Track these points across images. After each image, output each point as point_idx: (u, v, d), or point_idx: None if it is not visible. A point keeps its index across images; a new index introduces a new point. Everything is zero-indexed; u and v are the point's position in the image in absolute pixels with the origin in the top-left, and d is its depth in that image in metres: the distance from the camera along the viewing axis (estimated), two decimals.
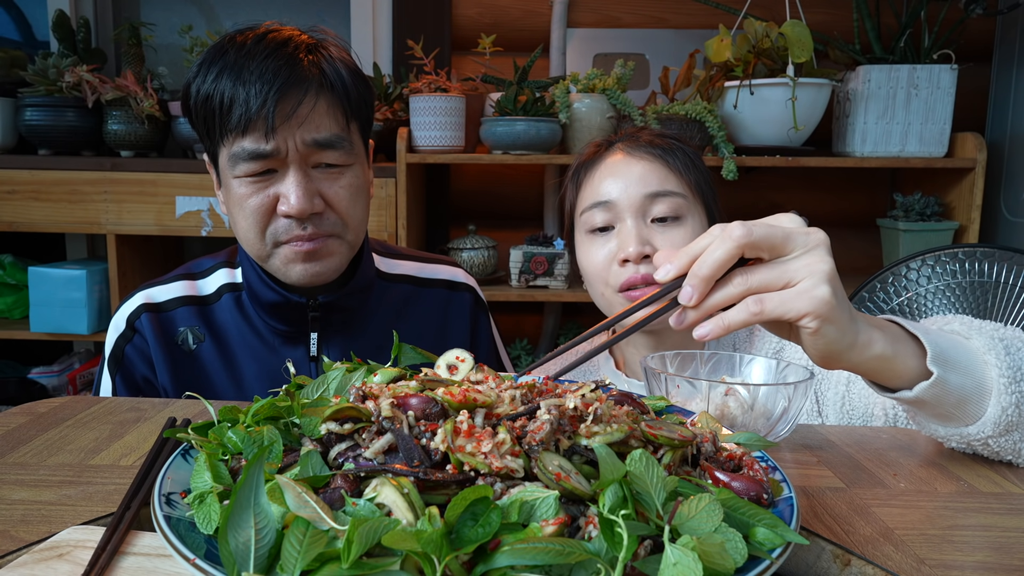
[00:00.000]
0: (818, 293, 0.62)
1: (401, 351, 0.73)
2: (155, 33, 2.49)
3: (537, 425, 0.50)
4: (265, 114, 0.92)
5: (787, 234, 0.63)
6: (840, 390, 1.01)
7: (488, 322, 1.29)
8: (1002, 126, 2.35)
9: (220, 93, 0.94)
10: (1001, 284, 1.64)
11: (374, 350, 1.12)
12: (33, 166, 2.17)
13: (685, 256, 0.64)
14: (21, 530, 0.58)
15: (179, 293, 1.12)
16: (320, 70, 0.97)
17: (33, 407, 0.91)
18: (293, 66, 0.94)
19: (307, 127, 0.96)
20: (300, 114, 0.95)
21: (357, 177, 1.04)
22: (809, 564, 0.54)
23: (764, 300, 0.63)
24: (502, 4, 2.49)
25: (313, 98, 0.96)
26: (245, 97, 0.93)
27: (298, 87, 0.94)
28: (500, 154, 2.15)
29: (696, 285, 0.62)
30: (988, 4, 2.12)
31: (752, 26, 2.05)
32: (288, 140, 0.95)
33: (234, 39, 0.97)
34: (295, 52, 0.96)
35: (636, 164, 1.07)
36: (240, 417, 0.58)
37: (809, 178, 2.51)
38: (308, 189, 0.97)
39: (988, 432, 0.72)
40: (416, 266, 1.24)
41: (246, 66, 0.93)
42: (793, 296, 0.62)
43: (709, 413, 0.67)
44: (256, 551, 0.41)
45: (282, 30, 1.00)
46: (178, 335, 1.10)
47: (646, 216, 1.06)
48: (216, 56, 0.96)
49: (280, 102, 0.93)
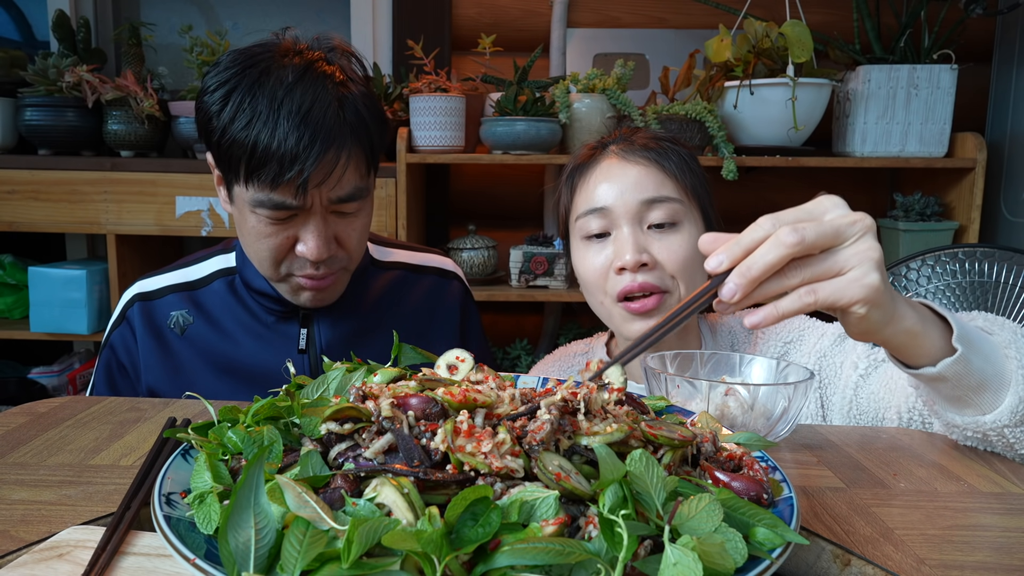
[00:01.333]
0: (868, 281, 0.64)
1: (401, 351, 0.73)
2: (155, 33, 2.49)
3: (537, 425, 0.50)
4: (301, 180, 0.91)
5: (836, 229, 0.64)
6: (847, 395, 1.01)
7: (476, 311, 1.32)
8: (1002, 126, 2.35)
9: (252, 144, 0.91)
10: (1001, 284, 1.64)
11: (365, 332, 1.16)
12: (33, 166, 2.17)
13: (738, 248, 0.63)
14: (21, 530, 0.58)
15: (169, 282, 1.16)
16: (350, 122, 0.94)
17: (33, 407, 0.91)
18: (327, 123, 0.92)
19: (336, 184, 0.96)
20: (333, 176, 0.94)
21: (367, 215, 1.05)
22: (809, 564, 0.54)
23: (817, 290, 0.64)
24: (502, 4, 2.49)
25: (346, 158, 0.95)
26: (279, 157, 0.90)
27: (333, 147, 0.92)
28: (500, 154, 2.15)
29: (743, 285, 0.62)
30: (988, 4, 2.12)
31: (752, 26, 2.05)
32: (316, 197, 0.96)
33: (264, 72, 0.93)
34: (329, 105, 0.92)
35: (631, 169, 1.06)
36: (240, 417, 0.58)
37: (809, 178, 2.51)
38: (327, 237, 0.99)
39: (1004, 421, 0.73)
40: (408, 254, 1.28)
41: (280, 121, 0.90)
42: (845, 284, 0.64)
43: (709, 413, 0.66)
44: (256, 551, 0.41)
45: (312, 63, 0.95)
46: (168, 319, 1.14)
47: (642, 223, 1.04)
48: (245, 95, 0.92)
49: (315, 168, 0.92)
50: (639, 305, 1.03)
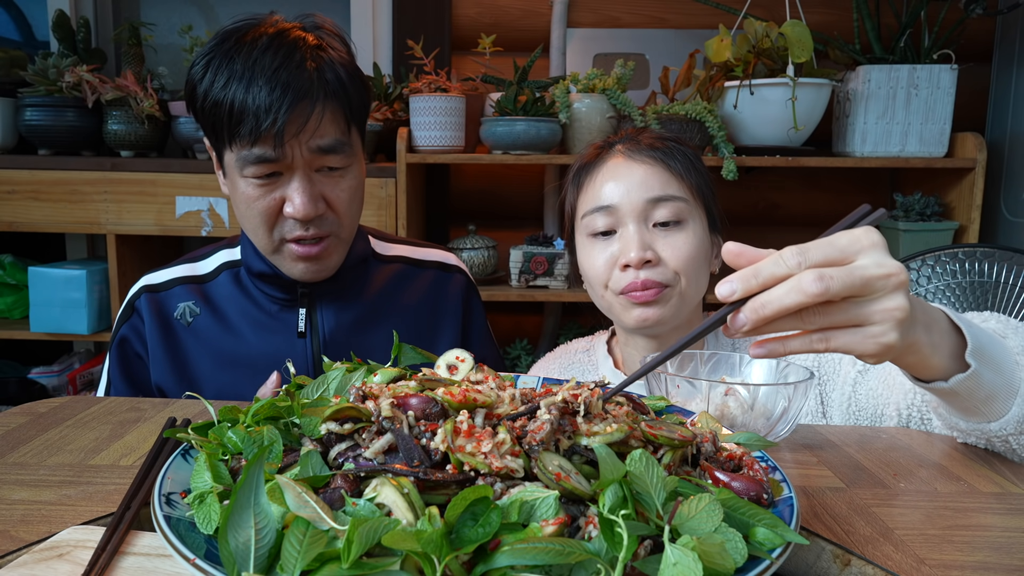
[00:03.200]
0: (886, 340, 0.60)
1: (401, 351, 0.73)
2: (155, 33, 2.49)
3: (537, 425, 0.50)
4: (276, 128, 0.95)
5: (865, 283, 0.58)
6: (846, 391, 1.01)
7: (480, 305, 1.33)
8: (1002, 126, 2.35)
9: (230, 103, 0.97)
10: (1001, 284, 1.64)
11: (367, 321, 1.18)
12: (33, 166, 2.17)
13: (755, 281, 0.58)
14: (21, 530, 0.58)
15: (177, 275, 1.19)
16: (325, 79, 0.99)
17: (33, 407, 0.91)
18: (301, 78, 0.97)
19: (315, 135, 0.99)
20: (309, 125, 0.98)
21: (356, 177, 1.07)
22: (809, 564, 0.54)
23: (831, 338, 0.60)
24: (502, 4, 2.49)
25: (320, 108, 0.98)
26: (255, 111, 0.95)
27: (307, 99, 0.97)
28: (500, 154, 2.14)
29: (754, 321, 0.58)
30: (988, 4, 2.12)
31: (752, 26, 2.05)
32: (295, 148, 0.99)
33: (240, 40, 0.99)
34: (301, 61, 0.98)
35: (637, 168, 1.07)
36: (240, 417, 0.58)
37: (809, 178, 2.51)
38: (312, 194, 1.02)
39: (1009, 430, 0.73)
40: (410, 248, 1.29)
41: (255, 78, 0.96)
42: (861, 339, 0.60)
43: (709, 413, 0.66)
44: (256, 551, 0.41)
45: (287, 30, 1.01)
46: (175, 311, 1.16)
47: (648, 221, 1.06)
48: (223, 60, 0.98)
49: (290, 116, 0.96)
50: (640, 294, 1.04)
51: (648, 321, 1.05)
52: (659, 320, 1.05)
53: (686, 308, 1.08)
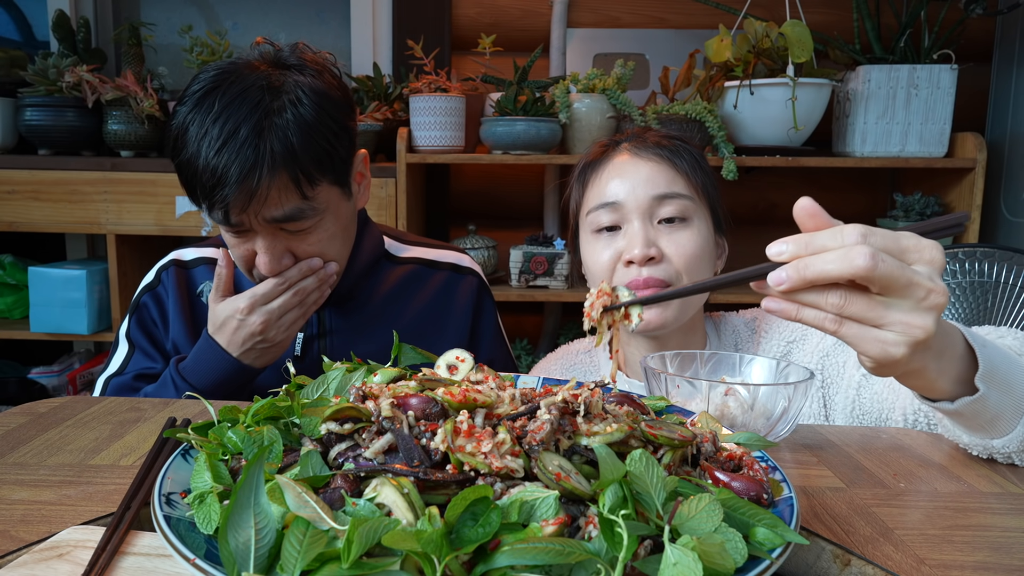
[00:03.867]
0: (894, 351, 0.59)
1: (401, 351, 0.73)
2: (155, 33, 2.49)
3: (537, 425, 0.50)
4: (223, 203, 0.95)
5: (911, 285, 0.58)
6: (850, 394, 1.00)
7: (492, 307, 1.32)
8: (1002, 126, 2.35)
9: (184, 166, 0.97)
10: (1001, 284, 1.64)
11: (372, 323, 1.18)
12: (33, 166, 2.17)
13: (804, 247, 0.58)
14: (21, 530, 0.58)
15: (202, 255, 1.22)
16: (273, 154, 0.94)
17: (33, 407, 0.91)
18: (244, 155, 0.93)
19: (265, 207, 0.96)
20: (257, 198, 0.95)
21: (327, 229, 1.04)
22: (809, 564, 0.54)
23: (843, 326, 0.60)
24: (502, 4, 2.49)
25: (267, 184, 0.94)
26: (203, 184, 0.95)
27: (249, 179, 0.93)
28: (500, 154, 2.14)
29: (793, 280, 0.58)
30: (988, 4, 2.12)
31: (752, 26, 2.05)
32: (250, 217, 0.98)
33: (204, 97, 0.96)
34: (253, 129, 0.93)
35: (643, 165, 1.07)
36: (240, 417, 0.58)
37: (809, 178, 2.51)
38: (275, 252, 1.02)
39: (1013, 448, 0.73)
40: (424, 250, 1.29)
41: (203, 151, 0.94)
42: (871, 340, 0.60)
43: (709, 413, 0.66)
44: (256, 551, 0.41)
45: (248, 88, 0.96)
46: (197, 288, 1.19)
47: (653, 217, 1.06)
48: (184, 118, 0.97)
49: (236, 194, 0.94)
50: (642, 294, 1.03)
51: (651, 324, 1.05)
52: (662, 323, 1.05)
53: (689, 310, 1.08)
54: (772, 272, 0.59)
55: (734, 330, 1.17)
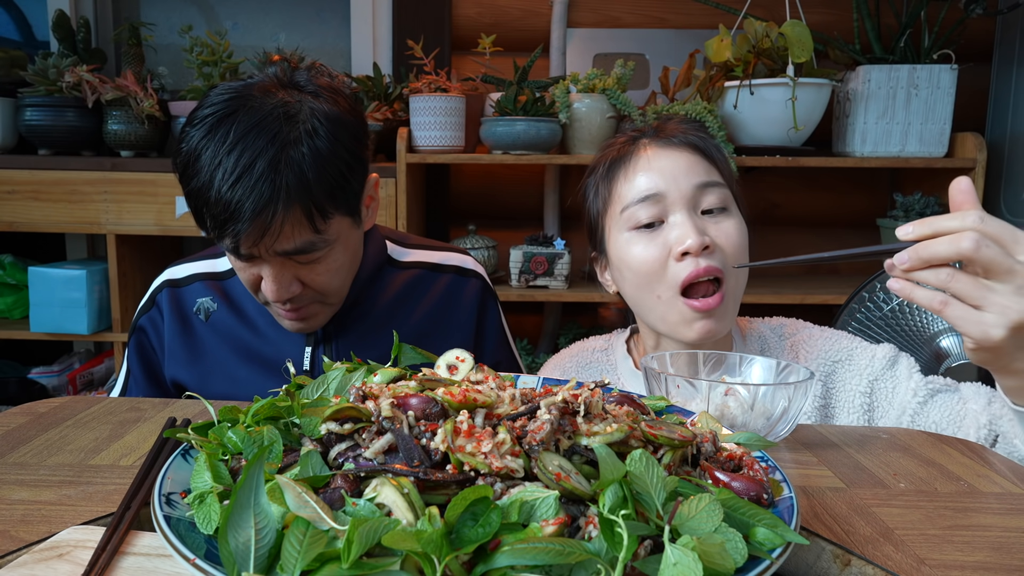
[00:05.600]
0: (993, 333, 0.68)
1: (401, 351, 0.73)
2: (155, 33, 2.49)
3: (537, 425, 0.50)
4: (236, 236, 0.93)
5: (1011, 269, 0.67)
6: (903, 421, 0.98)
7: (496, 308, 1.31)
8: (1002, 126, 2.35)
9: (198, 196, 0.94)
10: None
11: (378, 329, 1.17)
12: (33, 166, 2.17)
13: (928, 229, 0.70)
14: (21, 530, 0.58)
15: (196, 270, 1.20)
16: (288, 188, 0.92)
17: (33, 407, 0.91)
18: (260, 192, 0.91)
19: (278, 241, 0.95)
20: (271, 233, 0.93)
21: (336, 259, 1.03)
22: (809, 564, 0.54)
23: (949, 306, 0.69)
24: (502, 4, 2.49)
25: (280, 221, 0.93)
26: (215, 214, 0.93)
27: (267, 214, 0.92)
28: (500, 154, 2.14)
29: (913, 260, 0.70)
30: (988, 4, 2.12)
31: (752, 26, 2.05)
32: (260, 249, 0.96)
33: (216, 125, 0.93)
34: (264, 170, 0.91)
35: (679, 156, 1.02)
36: (240, 417, 0.58)
37: (809, 178, 2.51)
38: (283, 280, 1.00)
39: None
40: (427, 253, 1.27)
41: (215, 183, 0.91)
42: (972, 321, 0.69)
43: (709, 413, 0.66)
44: (256, 551, 0.41)
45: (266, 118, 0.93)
46: (194, 306, 1.17)
47: (697, 208, 1.00)
48: (195, 145, 0.94)
49: (248, 229, 0.92)
50: (703, 302, 0.98)
51: (713, 334, 1.00)
52: (718, 332, 1.00)
53: (733, 313, 1.03)
54: (897, 254, 0.71)
55: (760, 336, 1.13)
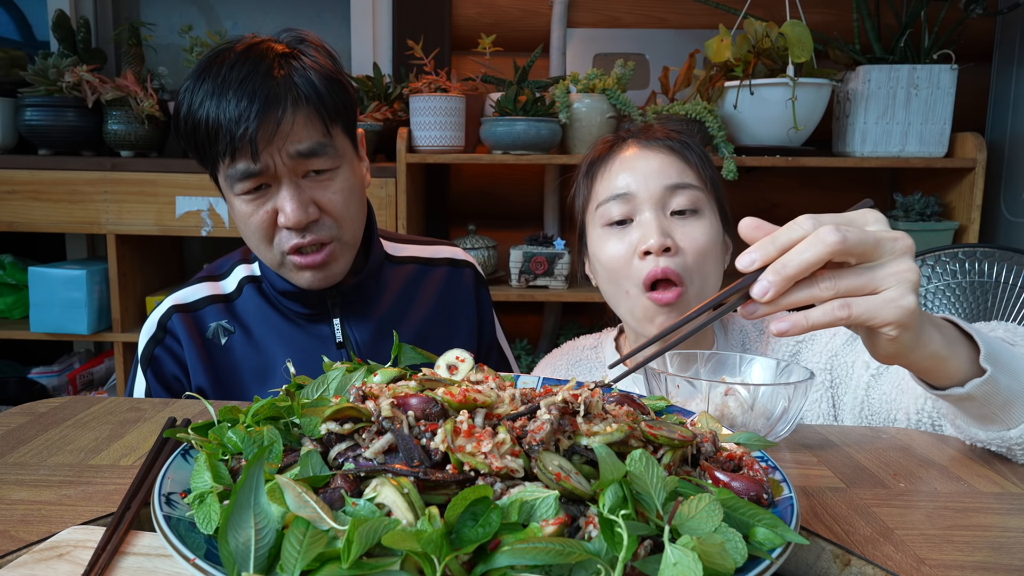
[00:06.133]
0: (904, 303, 0.61)
1: (401, 351, 0.73)
2: (155, 33, 2.49)
3: (537, 425, 0.50)
4: (248, 138, 0.96)
5: (877, 241, 0.61)
6: (859, 395, 1.00)
7: (488, 296, 1.35)
8: (1002, 126, 2.35)
9: (204, 121, 0.98)
10: (1001, 284, 1.64)
11: (391, 325, 1.18)
12: (33, 166, 2.17)
13: (771, 246, 0.60)
14: (21, 530, 0.58)
15: (205, 293, 1.17)
16: (294, 83, 0.99)
17: (33, 407, 0.91)
18: (268, 85, 0.97)
19: (290, 141, 0.98)
20: (282, 131, 0.97)
21: (347, 179, 1.06)
22: (809, 564, 0.54)
23: (851, 305, 0.61)
24: (502, 4, 2.49)
25: (291, 113, 0.98)
26: (227, 123, 0.96)
27: (275, 106, 0.97)
28: (500, 154, 2.14)
29: (776, 283, 0.59)
30: (988, 4, 2.12)
31: (752, 26, 2.05)
32: (274, 156, 0.98)
33: (212, 62, 1.00)
34: (268, 70, 0.98)
35: (653, 157, 1.06)
36: (240, 417, 0.58)
37: (809, 178, 2.51)
38: (301, 200, 1.01)
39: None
40: (420, 248, 1.30)
41: (224, 93, 0.97)
42: (880, 304, 0.61)
43: (709, 413, 0.66)
44: (256, 551, 0.41)
45: (257, 43, 1.01)
46: (208, 331, 1.15)
47: (665, 208, 1.04)
48: (198, 81, 0.99)
49: (260, 124, 0.96)
50: (661, 295, 1.01)
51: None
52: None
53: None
54: (754, 287, 0.60)
55: (742, 330, 1.16)
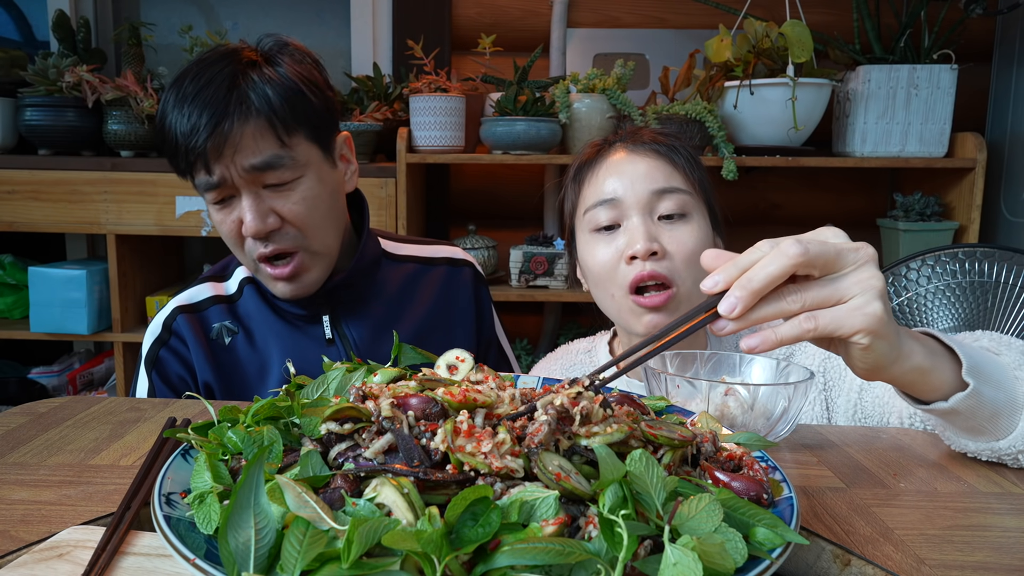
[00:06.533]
0: (871, 310, 0.61)
1: (401, 351, 0.73)
2: (155, 33, 2.49)
3: (535, 427, 0.50)
4: (197, 152, 0.98)
5: (839, 251, 0.62)
6: (852, 398, 1.00)
7: (488, 295, 1.35)
8: (1002, 126, 2.35)
9: (165, 133, 1.01)
10: (1001, 284, 1.64)
11: (389, 325, 1.19)
12: (33, 166, 2.17)
13: (734, 268, 0.61)
14: (21, 530, 0.58)
15: (209, 294, 1.18)
16: (246, 96, 0.99)
17: (33, 407, 0.91)
18: (219, 99, 0.98)
19: (242, 155, 0.99)
20: (230, 144, 0.98)
21: (310, 188, 1.05)
22: (809, 564, 0.54)
23: (818, 317, 0.62)
24: (502, 4, 2.49)
25: (239, 127, 0.98)
26: (182, 138, 0.99)
27: (224, 120, 0.98)
28: (500, 154, 2.14)
29: (743, 298, 0.60)
30: (988, 4, 2.12)
31: (752, 26, 2.05)
32: (229, 168, 1.00)
33: (184, 72, 1.02)
34: (224, 82, 0.99)
35: (641, 161, 1.06)
36: (240, 417, 0.58)
37: (809, 178, 2.51)
38: (259, 210, 1.02)
39: (1020, 446, 0.72)
40: (419, 248, 1.31)
41: (181, 106, 0.99)
42: (846, 313, 0.61)
43: (709, 413, 0.66)
44: (256, 551, 0.41)
45: (231, 53, 1.03)
46: (212, 331, 1.16)
47: (652, 213, 1.04)
48: (169, 92, 1.02)
49: (208, 137, 0.98)
50: (649, 300, 1.02)
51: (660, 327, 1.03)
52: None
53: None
54: (721, 303, 0.61)
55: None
